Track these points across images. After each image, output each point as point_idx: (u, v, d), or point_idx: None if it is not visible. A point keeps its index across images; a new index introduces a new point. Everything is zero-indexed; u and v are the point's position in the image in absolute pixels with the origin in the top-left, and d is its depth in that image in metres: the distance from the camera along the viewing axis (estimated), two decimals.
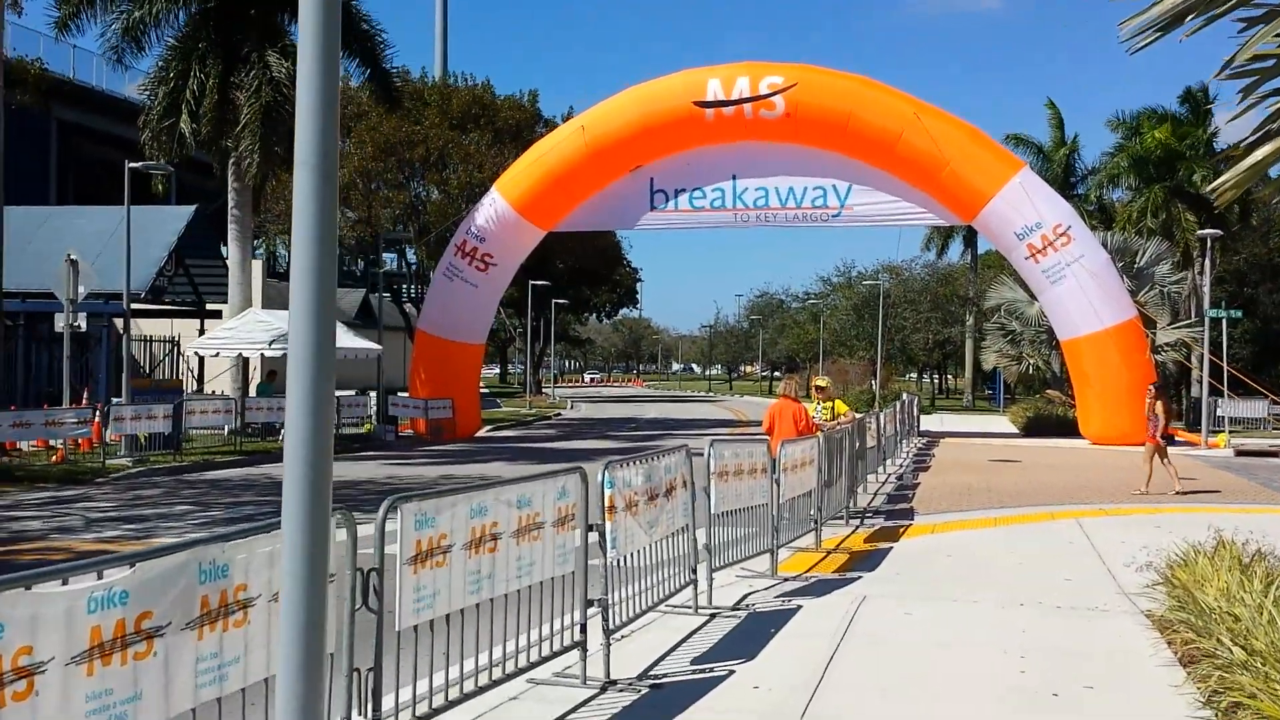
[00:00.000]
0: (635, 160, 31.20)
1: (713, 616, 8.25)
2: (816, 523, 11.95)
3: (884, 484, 19.07)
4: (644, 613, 7.60)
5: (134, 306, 35.66)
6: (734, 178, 31.23)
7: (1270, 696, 5.28)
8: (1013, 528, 13.84)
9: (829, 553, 11.81)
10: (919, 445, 29.35)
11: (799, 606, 8.73)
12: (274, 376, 28.98)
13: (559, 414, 50.62)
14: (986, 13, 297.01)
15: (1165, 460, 18.02)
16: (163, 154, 28.67)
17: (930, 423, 40.09)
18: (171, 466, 21.42)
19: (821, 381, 15.52)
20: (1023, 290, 36.22)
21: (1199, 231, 31.23)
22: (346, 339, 29.32)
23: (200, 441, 25.38)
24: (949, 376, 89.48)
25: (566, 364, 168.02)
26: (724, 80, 30.05)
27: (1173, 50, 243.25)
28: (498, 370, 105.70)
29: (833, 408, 15.15)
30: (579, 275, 64.75)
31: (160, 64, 28.90)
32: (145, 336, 38.84)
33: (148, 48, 29.73)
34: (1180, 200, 44.58)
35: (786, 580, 10.03)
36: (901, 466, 22.79)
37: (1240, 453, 26.56)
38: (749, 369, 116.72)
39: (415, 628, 5.19)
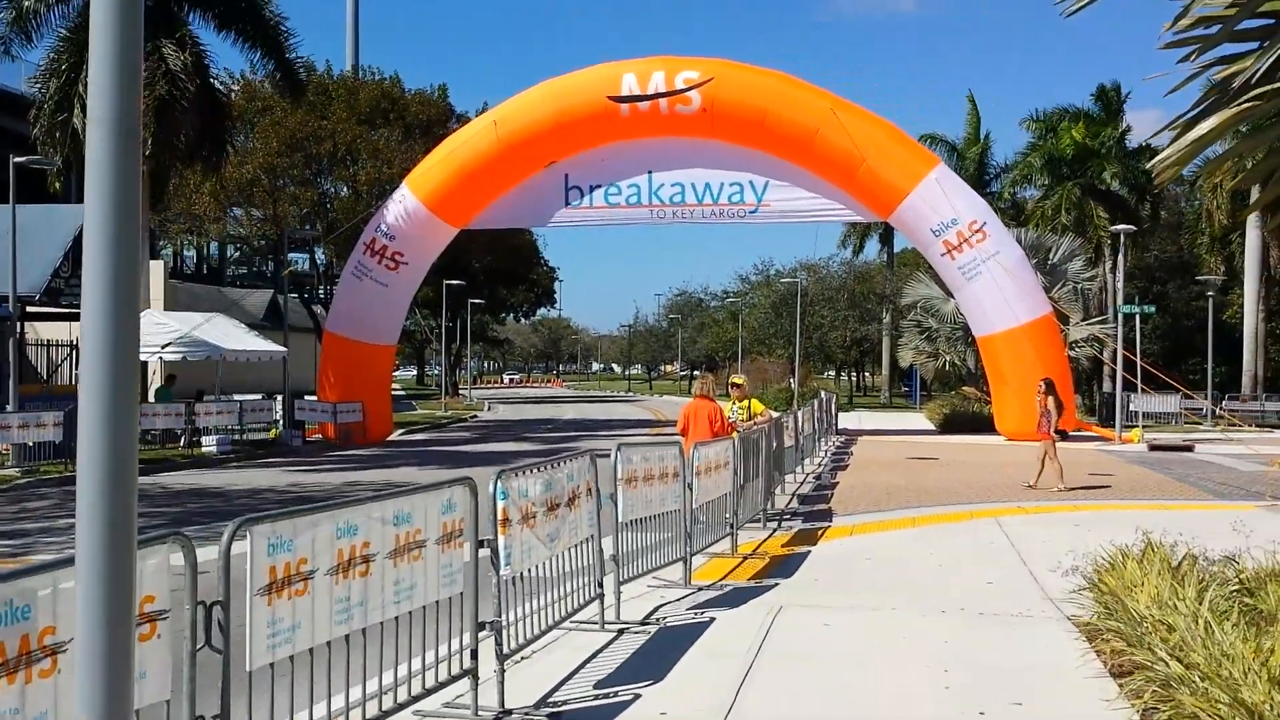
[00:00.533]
0: (549, 156, 30.57)
1: (620, 633, 7.70)
2: (732, 527, 11.48)
3: (802, 484, 18.72)
4: (546, 631, 7.04)
5: (30, 309, 34.33)
6: (650, 174, 30.76)
7: (1212, 715, 4.88)
8: (932, 528, 13.52)
9: (745, 558, 11.35)
10: (837, 444, 29.16)
11: (712, 619, 8.22)
12: (172, 381, 27.86)
13: (475, 416, 49.77)
14: (903, 14, 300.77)
15: (1053, 457, 17.87)
16: (57, 149, 27.35)
17: (848, 420, 40.06)
18: (62, 477, 20.28)
19: (738, 379, 15.08)
20: (939, 287, 36.31)
21: (1112, 227, 31.55)
22: (250, 341, 28.31)
23: None
24: (867, 374, 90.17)
25: (486, 365, 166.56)
26: (639, 75, 29.56)
27: (1089, 50, 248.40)
28: (414, 372, 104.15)
29: (749, 407, 14.71)
30: (495, 275, 63.81)
31: (51, 56, 27.54)
32: (44, 340, 37.28)
33: (37, 40, 28.39)
34: (1092, 198, 45.23)
35: (701, 590, 9.53)
36: (820, 465, 22.50)
37: (1154, 447, 26.76)
38: (669, 368, 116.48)
39: (272, 666, 4.57)
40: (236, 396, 29.50)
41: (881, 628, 8.07)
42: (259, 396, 30.55)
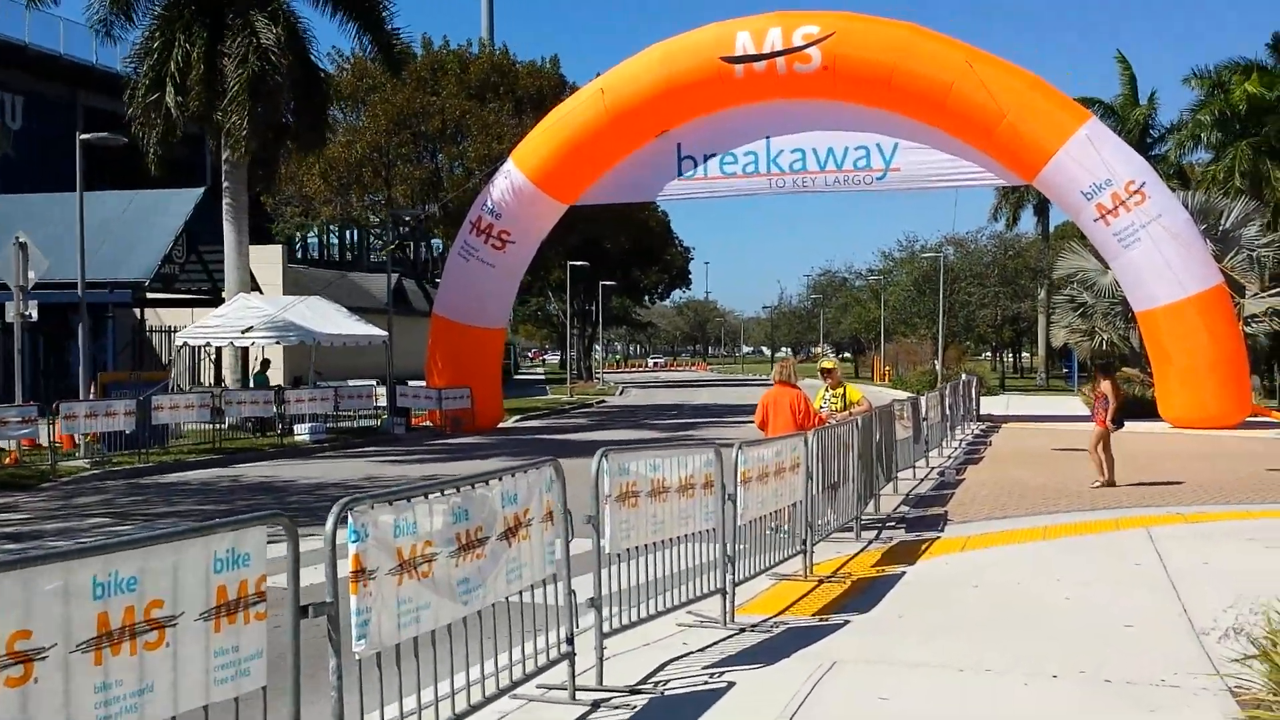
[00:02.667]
0: (660, 124, 28.60)
1: (594, 708, 5.73)
2: (805, 543, 9.38)
3: (920, 482, 16.37)
4: (486, 702, 5.15)
5: (147, 295, 34.22)
6: (768, 139, 28.46)
7: None
8: (1066, 541, 11.12)
9: (821, 582, 9.25)
10: (976, 432, 26.47)
11: (731, 684, 6.17)
12: (268, 366, 27.00)
13: (603, 401, 48.28)
14: None
15: (1098, 449, 15.43)
16: (150, 130, 26.75)
17: (995, 405, 37.04)
18: (132, 468, 19.41)
19: (828, 363, 12.85)
20: (1094, 258, 32.94)
21: None
22: (349, 325, 27.22)
23: (193, 438, 23.44)
24: (1023, 355, 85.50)
25: (632, 349, 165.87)
26: (754, 33, 27.30)
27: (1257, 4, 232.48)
28: (558, 357, 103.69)
29: (844, 395, 12.53)
30: (628, 256, 62.34)
31: (145, 35, 26.95)
32: (163, 326, 37.29)
33: (137, 20, 27.85)
34: (1270, 158, 40.77)
35: (743, 631, 7.49)
36: (949, 458, 20.02)
37: None
38: (817, 350, 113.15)
39: None
40: (337, 383, 28.52)
41: (965, 702, 5.92)
42: (373, 383, 29.48)
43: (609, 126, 28.34)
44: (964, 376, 30.15)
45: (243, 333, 23.97)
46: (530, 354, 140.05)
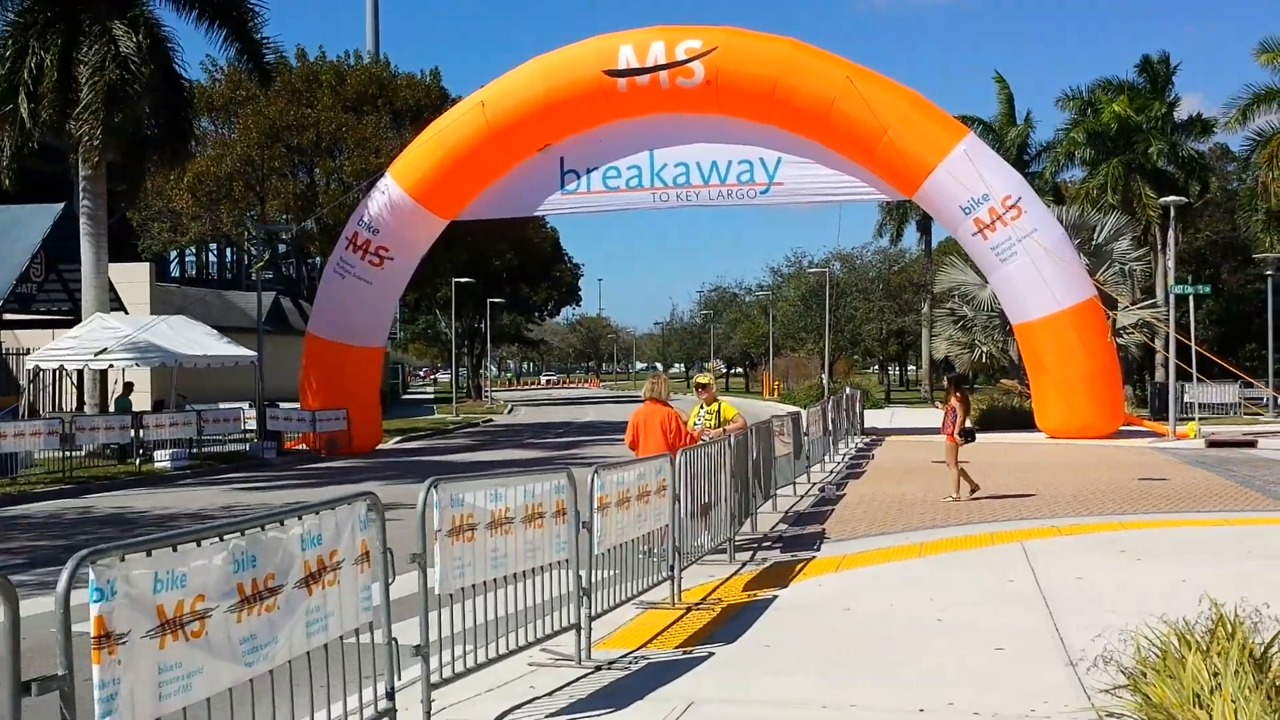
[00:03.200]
0: (543, 138, 28.15)
1: None
2: (674, 569, 8.94)
3: (801, 498, 16.11)
4: None
5: (3, 316, 32.41)
6: (651, 153, 28.25)
7: None
8: (942, 558, 10.89)
9: (690, 609, 8.81)
10: (860, 446, 26.47)
11: None
12: (130, 389, 25.72)
13: (490, 420, 47.48)
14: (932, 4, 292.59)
15: (952, 464, 15.44)
16: (4, 141, 25.33)
17: (879, 418, 37.30)
18: None
19: (702, 378, 12.43)
20: (974, 272, 33.45)
21: (1162, 199, 28.44)
22: (214, 345, 26.07)
23: (46, 467, 22.06)
24: (909, 368, 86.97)
25: (526, 366, 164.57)
26: (637, 46, 27.05)
27: (1124, 25, 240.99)
28: (448, 376, 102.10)
29: (718, 411, 12.16)
30: (517, 273, 61.68)
31: None
32: (21, 349, 35.39)
33: None
34: (1139, 175, 42.04)
35: (599, 669, 7.00)
36: (831, 474, 19.85)
37: (1212, 443, 23.83)
38: (711, 366, 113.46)
39: None
40: (202, 406, 27.28)
41: None
42: (230, 406, 28.28)
43: (490, 140, 27.79)
44: (848, 390, 30.20)
45: (96, 355, 22.72)
46: (422, 372, 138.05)
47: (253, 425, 27.72)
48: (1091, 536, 11.84)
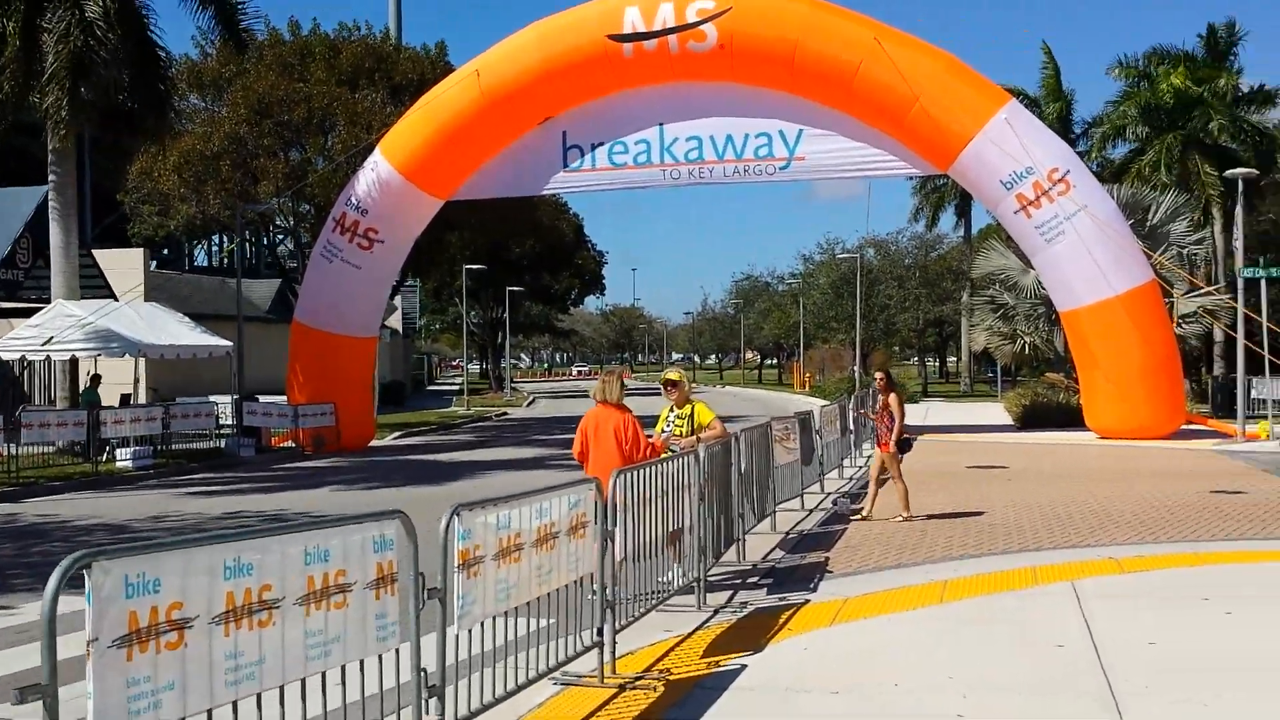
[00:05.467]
0: (543, 110, 25.91)
1: None
2: (602, 634, 6.65)
3: (808, 515, 13.77)
4: None
5: None
6: (661, 126, 25.88)
7: None
8: (969, 606, 8.53)
9: (624, 687, 6.54)
10: None
11: None
12: (98, 381, 23.78)
13: (505, 413, 45.35)
14: None
15: (897, 476, 13.16)
16: None
17: (914, 415, 34.53)
18: None
19: (672, 374, 10.02)
20: (1016, 256, 30.81)
21: (1229, 172, 25.67)
22: (186, 334, 24.06)
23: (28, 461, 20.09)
24: (949, 360, 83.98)
25: (559, 357, 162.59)
26: (643, 8, 24.71)
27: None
28: (477, 366, 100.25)
29: (692, 415, 9.84)
30: (538, 261, 59.50)
31: None
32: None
33: None
34: (1198, 152, 39.09)
35: None
36: (850, 480, 17.48)
37: None
38: (749, 356, 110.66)
39: None
40: (176, 400, 25.35)
41: None
42: (203, 400, 26.29)
43: (485, 113, 25.57)
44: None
45: (43, 344, 20.73)
46: (454, 364, 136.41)
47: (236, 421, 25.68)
48: (1161, 575, 9.42)
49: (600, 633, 6.63)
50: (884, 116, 24.25)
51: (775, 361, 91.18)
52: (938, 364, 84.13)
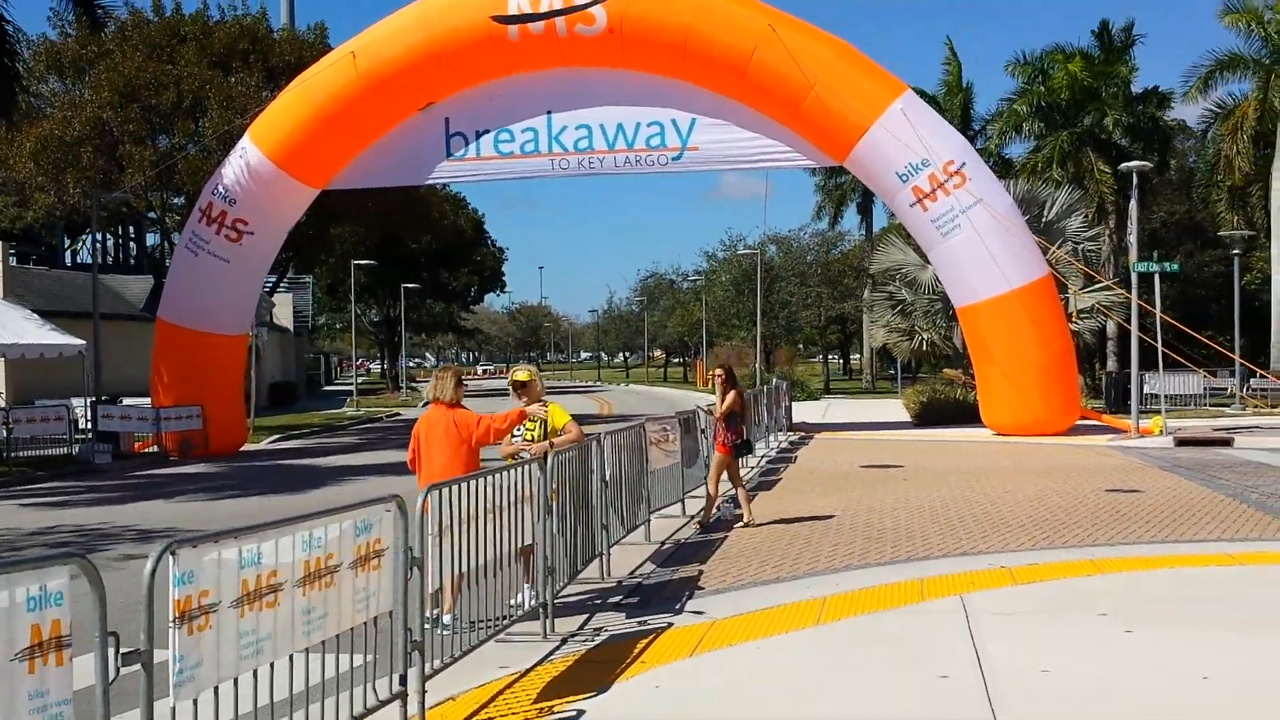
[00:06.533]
0: (424, 95, 24.65)
1: None
2: (404, 681, 5.57)
3: (689, 521, 12.82)
4: None
5: None
6: (549, 114, 24.81)
7: None
8: (848, 627, 7.63)
9: None
10: (784, 445, 23.25)
11: None
12: None
13: (397, 414, 43.77)
14: None
15: (735, 480, 12.58)
16: None
17: (813, 411, 34.22)
18: None
19: (521, 374, 8.93)
20: (915, 253, 30.37)
21: (1123, 165, 25.44)
22: (31, 332, 22.32)
23: None
24: (853, 357, 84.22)
25: (467, 357, 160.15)
26: None
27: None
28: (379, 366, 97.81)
29: (545, 418, 8.80)
30: (436, 257, 57.90)
31: None
32: None
33: None
34: (1092, 148, 39.25)
35: None
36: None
37: (1182, 441, 20.89)
38: (657, 354, 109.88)
39: None
40: (41, 403, 23.57)
41: None
42: (53, 403, 24.52)
43: (363, 96, 24.23)
44: (774, 381, 27.04)
45: None
46: (359, 363, 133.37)
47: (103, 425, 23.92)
48: (1057, 586, 8.63)
49: (403, 680, 5.55)
50: (779, 105, 23.50)
51: (681, 360, 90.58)
52: (841, 361, 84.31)
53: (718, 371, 12.92)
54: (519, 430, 8.78)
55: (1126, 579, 8.80)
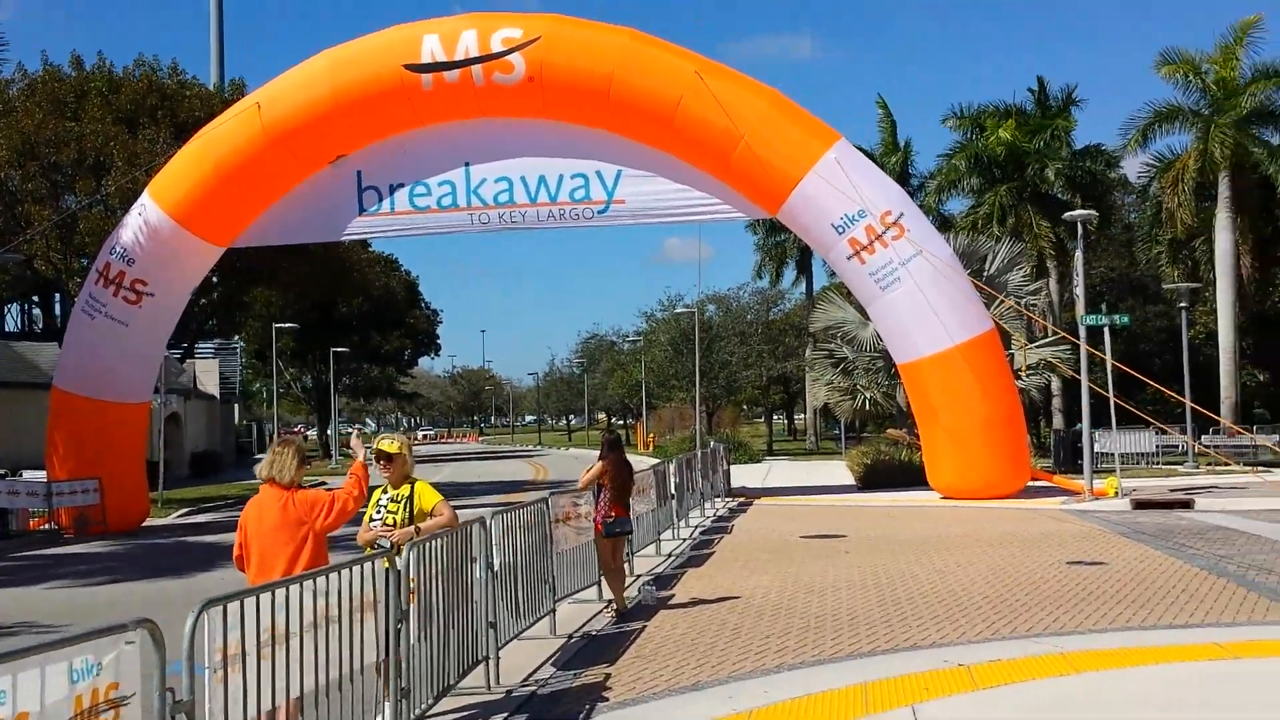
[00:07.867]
0: (334, 148, 23.36)
1: None
2: None
3: (607, 605, 11.34)
4: None
5: None
6: (468, 166, 23.59)
7: None
8: None
9: None
10: (722, 511, 21.88)
11: None
12: None
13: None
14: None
15: (604, 564, 11.09)
16: None
17: (753, 476, 32.90)
18: None
19: (388, 445, 7.42)
20: (854, 310, 29.35)
21: (1066, 215, 24.63)
22: None
23: None
24: (797, 417, 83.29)
25: (409, 422, 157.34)
26: (444, 36, 22.46)
27: (1017, 54, 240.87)
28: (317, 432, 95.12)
29: (410, 498, 7.34)
30: (367, 320, 56.26)
31: None
32: None
33: None
34: (1031, 203, 38.77)
35: None
36: (670, 556, 15.15)
37: (1140, 504, 19.77)
38: (600, 417, 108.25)
39: None
40: None
41: None
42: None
43: (268, 149, 22.87)
44: (711, 444, 25.74)
45: None
46: (294, 430, 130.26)
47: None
48: (1026, 691, 7.29)
49: None
50: (708, 156, 22.45)
51: (624, 422, 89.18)
52: (786, 422, 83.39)
53: (604, 435, 11.58)
54: (378, 512, 7.32)
55: (1104, 680, 7.47)
